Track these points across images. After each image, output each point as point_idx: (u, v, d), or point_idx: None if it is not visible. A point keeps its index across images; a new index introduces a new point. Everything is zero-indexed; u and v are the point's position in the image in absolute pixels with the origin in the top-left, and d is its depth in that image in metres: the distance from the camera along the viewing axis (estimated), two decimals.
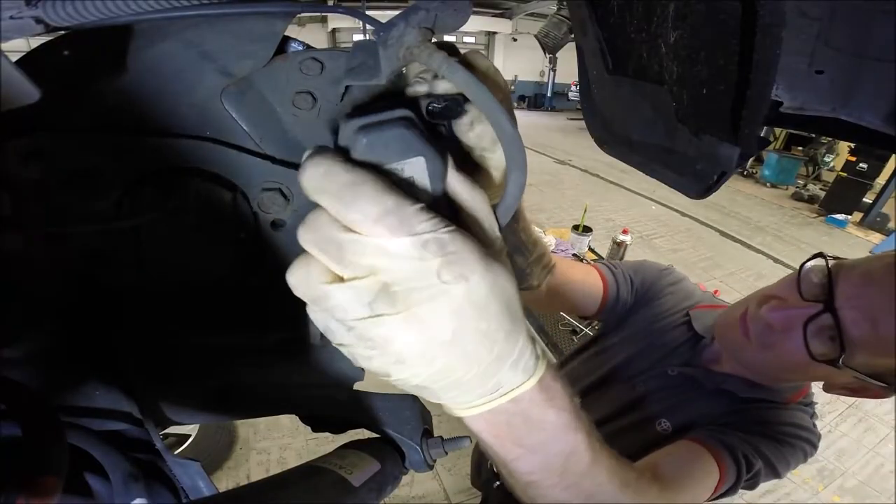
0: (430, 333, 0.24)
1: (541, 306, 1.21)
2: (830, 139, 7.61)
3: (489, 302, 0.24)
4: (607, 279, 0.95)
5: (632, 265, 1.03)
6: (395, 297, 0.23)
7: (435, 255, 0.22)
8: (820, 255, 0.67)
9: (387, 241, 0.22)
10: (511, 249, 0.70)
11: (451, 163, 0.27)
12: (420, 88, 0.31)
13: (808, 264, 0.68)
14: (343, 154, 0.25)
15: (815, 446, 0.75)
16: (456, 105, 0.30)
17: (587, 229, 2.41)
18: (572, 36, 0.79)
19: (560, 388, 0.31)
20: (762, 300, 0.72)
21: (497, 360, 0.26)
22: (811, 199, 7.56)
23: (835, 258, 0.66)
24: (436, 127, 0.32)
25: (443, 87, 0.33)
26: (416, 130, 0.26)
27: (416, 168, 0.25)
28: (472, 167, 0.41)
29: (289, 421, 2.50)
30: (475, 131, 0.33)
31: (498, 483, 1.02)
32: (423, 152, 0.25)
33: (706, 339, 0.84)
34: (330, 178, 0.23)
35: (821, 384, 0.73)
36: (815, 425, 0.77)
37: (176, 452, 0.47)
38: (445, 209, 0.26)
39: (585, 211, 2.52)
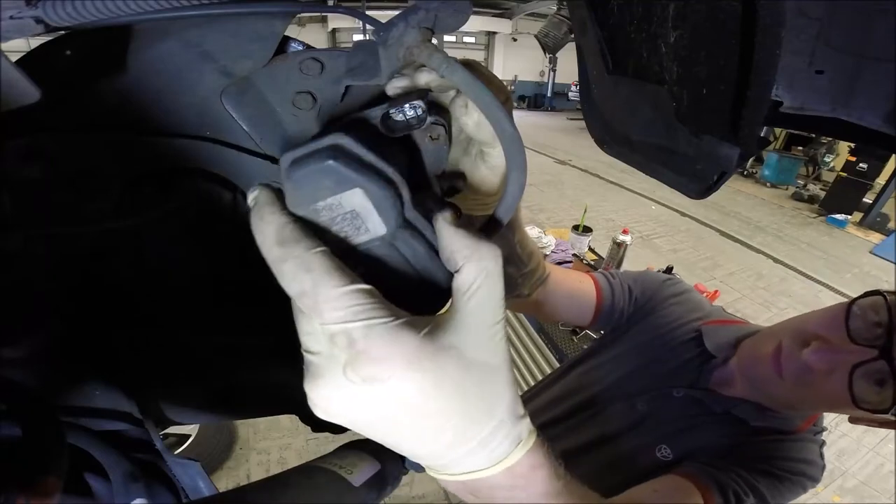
0: (350, 417, 0.23)
1: (535, 315, 1.15)
2: (830, 139, 7.61)
3: (425, 400, 0.22)
4: (601, 287, 0.92)
5: (632, 275, 0.98)
6: (314, 372, 0.22)
7: (342, 351, 0.21)
8: (876, 292, 0.60)
9: (305, 320, 0.22)
10: (506, 260, 0.68)
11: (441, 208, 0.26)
12: (399, 83, 0.30)
13: (860, 302, 0.60)
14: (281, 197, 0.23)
15: (817, 480, 0.70)
16: (423, 113, 0.27)
17: (587, 229, 2.41)
18: (572, 36, 0.79)
19: (540, 474, 0.28)
20: (800, 338, 0.65)
21: (447, 447, 0.24)
22: (811, 199, 7.56)
23: (893, 293, 0.59)
24: (405, 139, 0.30)
25: (424, 78, 0.32)
26: (345, 159, 0.23)
27: (355, 200, 0.23)
28: (470, 168, 0.41)
29: (289, 421, 2.50)
30: (473, 119, 0.32)
31: None
32: (359, 182, 0.23)
33: (717, 360, 0.78)
34: (262, 244, 0.23)
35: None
36: (822, 455, 0.72)
37: (176, 452, 0.47)
38: (412, 241, 0.24)
39: (585, 211, 2.52)
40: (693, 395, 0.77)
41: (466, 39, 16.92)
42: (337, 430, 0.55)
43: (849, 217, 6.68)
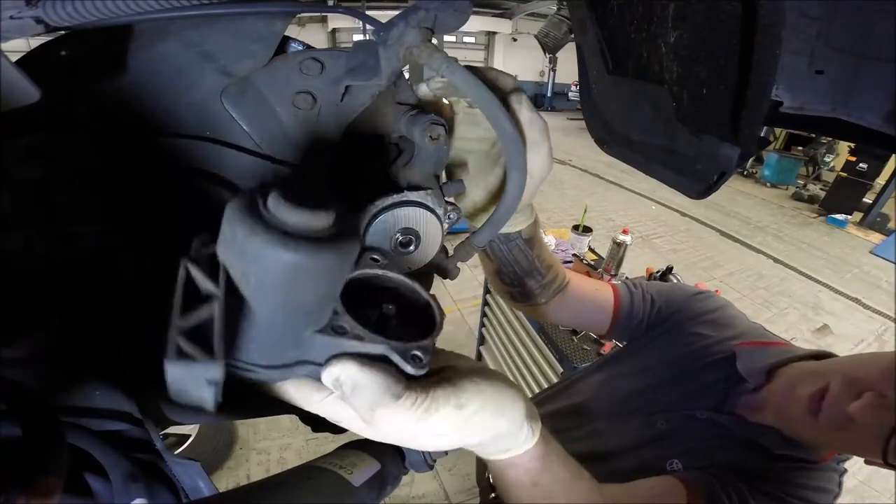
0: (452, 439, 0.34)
1: (552, 321, 1.12)
2: (830, 139, 7.61)
3: (480, 420, 0.34)
4: (621, 296, 0.89)
5: (658, 286, 0.93)
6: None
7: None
8: None
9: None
10: (523, 274, 0.70)
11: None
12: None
13: None
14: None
15: None
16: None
17: (587, 229, 2.41)
18: (572, 36, 0.79)
19: (551, 454, 0.42)
20: (853, 386, 0.60)
21: (493, 441, 0.37)
22: (811, 199, 7.57)
23: None
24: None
25: (423, 90, 0.35)
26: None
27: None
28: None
29: (289, 421, 2.50)
30: (436, 86, 0.38)
31: (493, 496, 0.99)
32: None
33: (748, 384, 0.72)
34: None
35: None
36: (840, 483, 0.69)
37: (176, 452, 0.47)
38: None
39: (585, 211, 2.52)
40: (717, 420, 0.73)
41: (466, 39, 16.91)
42: (337, 430, 0.55)
43: (849, 217, 6.68)
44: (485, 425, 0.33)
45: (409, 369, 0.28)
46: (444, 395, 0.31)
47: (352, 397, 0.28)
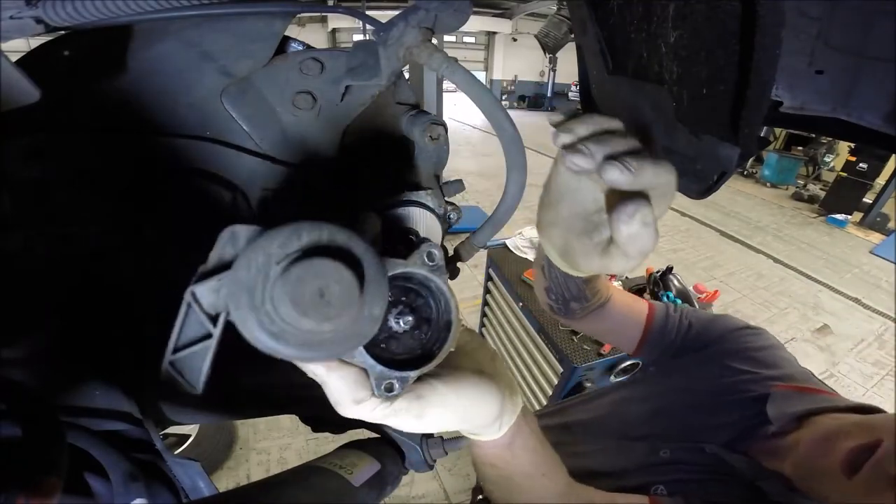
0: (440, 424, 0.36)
1: (581, 331, 1.09)
2: (830, 139, 7.61)
3: (469, 407, 0.38)
4: (655, 314, 0.84)
5: (702, 313, 0.87)
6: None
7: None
8: None
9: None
10: (570, 298, 0.72)
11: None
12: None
13: None
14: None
15: None
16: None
17: None
18: (572, 36, 0.79)
19: (524, 438, 0.44)
20: None
21: (484, 425, 0.40)
22: (811, 199, 7.56)
23: None
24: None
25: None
26: None
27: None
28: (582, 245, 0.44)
29: (289, 421, 2.50)
30: (632, 229, 0.37)
31: (481, 497, 0.96)
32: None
33: (773, 428, 0.65)
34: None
35: None
36: None
37: (176, 452, 0.47)
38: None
39: None
40: (724, 456, 0.67)
41: (466, 39, 16.91)
42: (337, 430, 0.56)
43: (849, 217, 6.68)
44: (445, 427, 0.37)
45: (376, 394, 0.31)
46: (406, 408, 0.33)
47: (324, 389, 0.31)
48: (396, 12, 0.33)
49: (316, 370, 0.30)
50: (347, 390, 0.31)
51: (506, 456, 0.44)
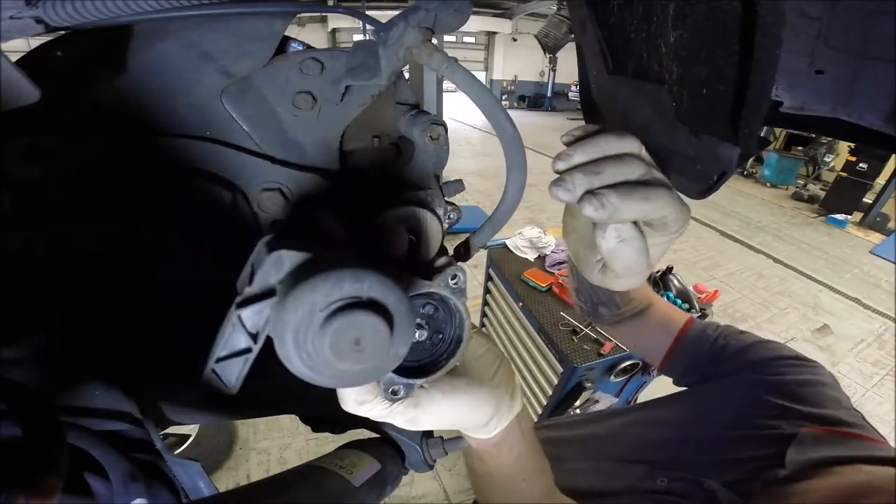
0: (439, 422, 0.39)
1: (610, 336, 1.04)
2: (830, 139, 7.61)
3: (470, 407, 0.40)
4: (690, 328, 0.78)
5: (747, 336, 0.77)
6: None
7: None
8: None
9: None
10: (598, 302, 0.71)
11: None
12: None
13: None
14: None
15: None
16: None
17: None
18: (572, 36, 0.79)
19: (514, 441, 0.45)
20: None
21: (483, 426, 0.41)
22: (811, 199, 7.56)
23: None
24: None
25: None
26: None
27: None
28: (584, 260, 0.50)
29: (289, 421, 2.50)
30: (608, 244, 0.40)
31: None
32: None
33: (784, 472, 0.57)
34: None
35: None
36: None
37: (176, 452, 0.47)
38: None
39: None
40: (721, 496, 0.60)
41: (466, 39, 16.92)
42: (337, 430, 0.56)
43: (849, 217, 6.68)
44: (437, 428, 0.39)
45: (382, 397, 0.33)
46: (402, 412, 0.35)
47: None
48: (396, 12, 0.33)
49: None
50: (355, 393, 0.34)
51: (492, 453, 0.45)
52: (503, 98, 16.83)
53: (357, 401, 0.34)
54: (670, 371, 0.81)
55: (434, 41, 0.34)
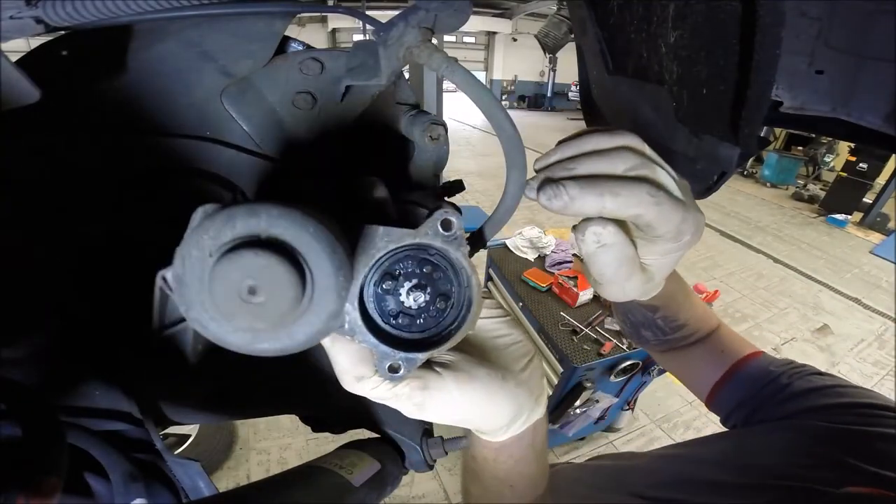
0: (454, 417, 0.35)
1: (665, 368, 0.86)
2: (830, 139, 7.61)
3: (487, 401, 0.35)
4: (749, 363, 0.66)
5: (825, 380, 0.62)
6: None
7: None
8: None
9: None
10: (637, 324, 0.64)
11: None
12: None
13: None
14: None
15: None
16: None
17: None
18: (572, 36, 0.79)
19: (525, 444, 0.40)
20: None
21: (502, 426, 0.37)
22: (811, 199, 7.56)
23: None
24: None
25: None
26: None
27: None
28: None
29: (289, 421, 2.50)
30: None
31: None
32: None
33: None
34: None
35: None
36: None
37: (176, 452, 0.47)
38: None
39: None
40: None
41: (466, 39, 16.92)
42: (337, 430, 0.56)
43: (849, 217, 6.68)
44: (445, 422, 0.34)
45: (379, 373, 0.28)
46: (408, 394, 0.31)
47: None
48: (396, 12, 0.33)
49: (325, 343, 0.30)
50: (350, 365, 0.30)
51: (489, 455, 0.41)
52: (503, 98, 16.82)
53: (354, 375, 0.30)
54: (717, 407, 0.69)
55: (434, 41, 0.34)
